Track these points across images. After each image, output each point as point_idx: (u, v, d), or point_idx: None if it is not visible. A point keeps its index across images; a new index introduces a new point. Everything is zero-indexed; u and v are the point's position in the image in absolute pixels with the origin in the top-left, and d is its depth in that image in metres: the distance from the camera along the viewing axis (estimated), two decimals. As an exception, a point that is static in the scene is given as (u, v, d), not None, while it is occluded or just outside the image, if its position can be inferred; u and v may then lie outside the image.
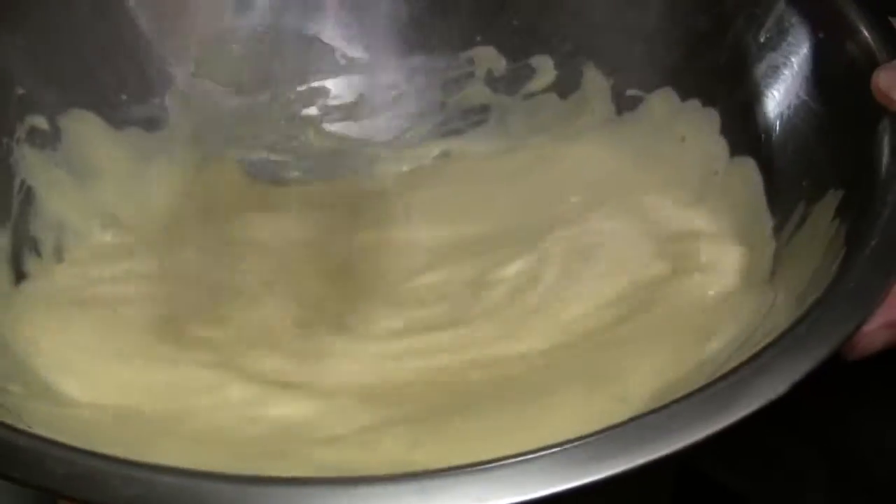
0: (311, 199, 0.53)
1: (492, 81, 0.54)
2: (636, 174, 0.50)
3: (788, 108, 0.44)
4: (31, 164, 0.48)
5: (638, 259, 0.46)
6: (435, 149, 0.54)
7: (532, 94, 0.53)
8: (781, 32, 0.45)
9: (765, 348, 0.32)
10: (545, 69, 0.53)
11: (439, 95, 0.54)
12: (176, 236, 0.50)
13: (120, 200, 0.50)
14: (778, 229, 0.43)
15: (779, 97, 0.45)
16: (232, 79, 0.54)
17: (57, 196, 0.48)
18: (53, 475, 0.27)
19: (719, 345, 0.40)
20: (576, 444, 0.29)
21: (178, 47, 0.53)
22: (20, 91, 0.48)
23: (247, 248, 0.50)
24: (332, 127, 0.55)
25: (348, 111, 0.55)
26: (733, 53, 0.47)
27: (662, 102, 0.50)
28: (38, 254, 0.47)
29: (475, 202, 0.51)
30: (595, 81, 0.52)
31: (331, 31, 0.54)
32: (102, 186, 0.50)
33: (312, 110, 0.54)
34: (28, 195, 0.47)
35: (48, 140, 0.48)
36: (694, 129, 0.48)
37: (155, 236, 0.50)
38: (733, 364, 0.32)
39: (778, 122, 0.44)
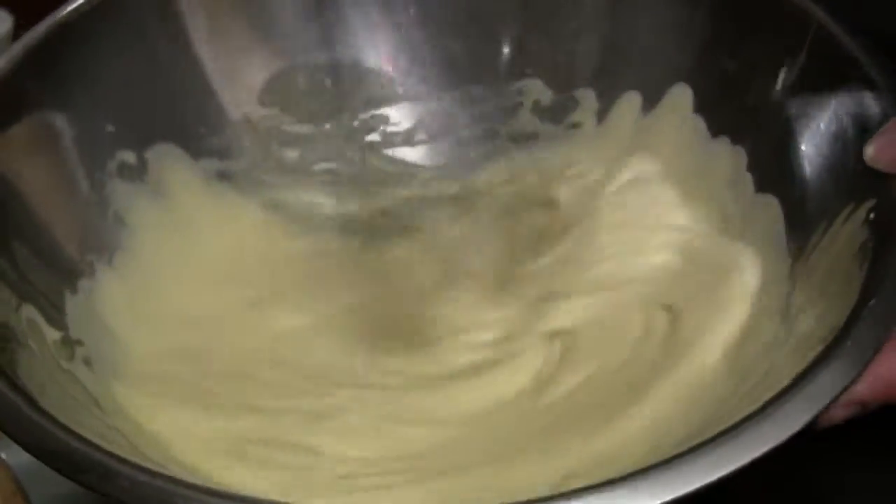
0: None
1: (539, 111, 0.58)
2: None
3: (810, 151, 0.48)
4: (122, 196, 0.53)
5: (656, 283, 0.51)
6: (486, 173, 0.58)
7: (576, 125, 0.58)
8: (802, 83, 0.49)
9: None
10: (588, 101, 0.57)
11: (491, 123, 0.59)
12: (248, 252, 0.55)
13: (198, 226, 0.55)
14: (794, 269, 0.46)
15: (800, 141, 0.48)
16: (298, 109, 0.58)
17: (144, 226, 0.53)
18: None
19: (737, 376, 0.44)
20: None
21: (247, 82, 0.57)
22: (110, 129, 0.53)
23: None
24: (392, 152, 0.59)
25: (407, 137, 0.59)
26: (760, 96, 0.50)
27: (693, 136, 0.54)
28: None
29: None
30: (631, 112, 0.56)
31: (389, 63, 0.59)
32: (182, 213, 0.55)
33: (374, 136, 0.59)
34: (120, 224, 0.52)
35: (136, 173, 0.54)
36: (722, 165, 0.52)
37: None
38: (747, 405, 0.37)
39: (799, 165, 0.48)
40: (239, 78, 0.57)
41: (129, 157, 0.53)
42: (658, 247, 0.51)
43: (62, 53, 0.51)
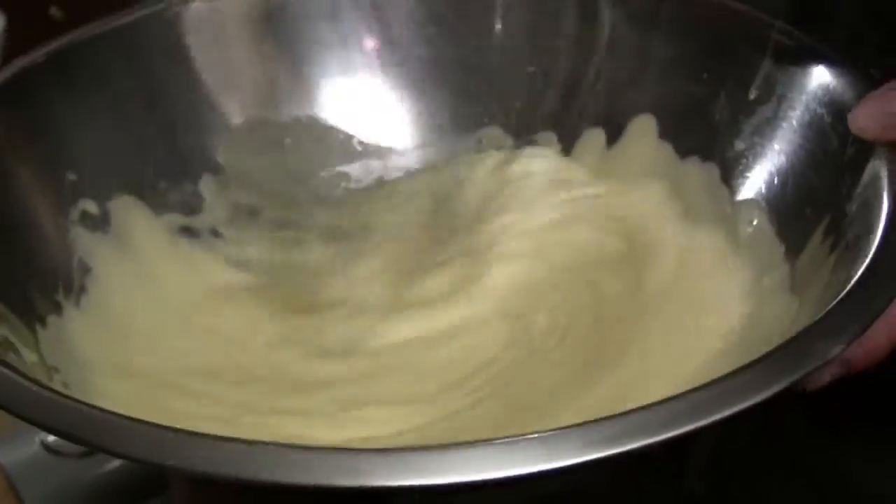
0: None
1: (501, 159, 0.58)
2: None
3: (785, 150, 0.49)
4: (86, 244, 0.51)
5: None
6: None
7: None
8: (770, 88, 0.50)
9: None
10: (550, 143, 0.58)
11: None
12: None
13: (163, 279, 0.53)
14: (789, 253, 0.47)
15: (775, 142, 0.49)
16: (259, 166, 0.58)
17: (109, 274, 0.51)
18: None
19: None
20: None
21: (207, 138, 0.57)
22: (72, 177, 0.51)
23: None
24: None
25: (368, 193, 0.59)
26: (727, 112, 0.52)
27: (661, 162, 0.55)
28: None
29: None
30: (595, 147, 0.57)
31: (347, 120, 0.59)
32: (147, 266, 0.53)
33: (336, 193, 0.58)
34: (85, 271, 0.50)
35: (98, 223, 0.52)
36: (694, 183, 0.53)
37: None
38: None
39: (776, 164, 0.49)
40: (200, 134, 0.56)
41: (90, 206, 0.52)
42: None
43: (27, 97, 0.50)
